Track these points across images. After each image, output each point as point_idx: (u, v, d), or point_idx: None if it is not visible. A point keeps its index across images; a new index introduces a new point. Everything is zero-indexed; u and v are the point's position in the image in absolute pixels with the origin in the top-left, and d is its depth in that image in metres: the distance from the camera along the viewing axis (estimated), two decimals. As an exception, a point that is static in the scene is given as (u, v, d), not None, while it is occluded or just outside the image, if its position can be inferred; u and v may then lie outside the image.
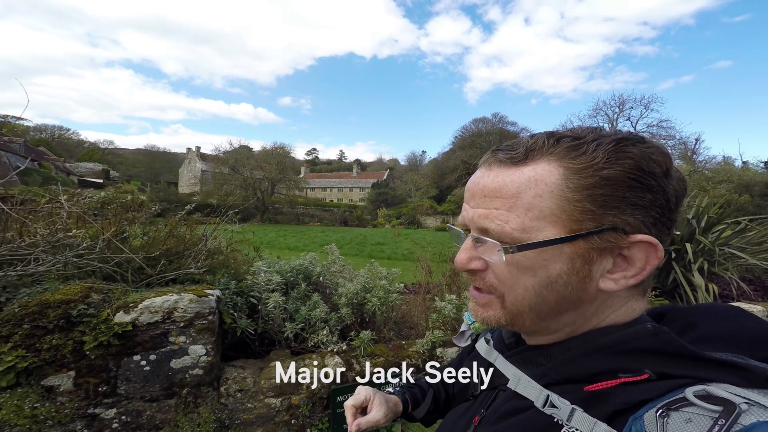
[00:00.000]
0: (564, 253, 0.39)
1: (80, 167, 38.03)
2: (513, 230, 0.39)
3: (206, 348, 1.72)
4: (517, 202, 0.40)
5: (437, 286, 3.50)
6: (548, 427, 0.38)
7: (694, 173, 15.17)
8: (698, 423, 0.28)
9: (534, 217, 0.39)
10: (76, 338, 1.39)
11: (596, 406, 0.36)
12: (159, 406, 1.62)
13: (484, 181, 0.43)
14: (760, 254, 4.10)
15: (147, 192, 23.04)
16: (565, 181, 0.38)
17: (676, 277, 3.83)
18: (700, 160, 25.68)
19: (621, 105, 30.45)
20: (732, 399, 0.28)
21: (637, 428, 0.31)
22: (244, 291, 2.20)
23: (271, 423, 1.89)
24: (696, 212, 4.30)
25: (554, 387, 0.41)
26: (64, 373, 1.39)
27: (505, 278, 0.42)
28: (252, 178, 27.88)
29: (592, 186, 0.37)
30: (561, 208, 0.38)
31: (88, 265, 1.63)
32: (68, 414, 1.39)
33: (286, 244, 13.16)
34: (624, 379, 0.35)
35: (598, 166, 0.37)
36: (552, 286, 0.40)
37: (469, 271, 0.45)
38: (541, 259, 0.39)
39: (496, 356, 0.53)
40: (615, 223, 0.38)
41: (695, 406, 0.29)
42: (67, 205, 1.78)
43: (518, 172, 0.40)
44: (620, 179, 0.37)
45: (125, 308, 1.52)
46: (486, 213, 0.42)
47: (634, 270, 0.39)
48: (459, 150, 43.39)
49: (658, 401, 0.32)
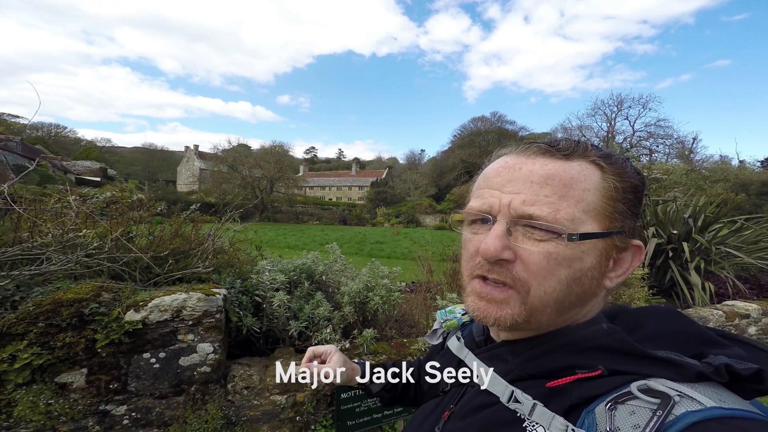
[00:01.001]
0: (597, 247, 0.42)
1: (77, 165, 37.81)
2: (564, 218, 0.40)
3: (214, 346, 1.75)
4: (569, 192, 0.41)
5: (437, 284, 3.54)
6: (512, 421, 0.40)
7: (691, 172, 15.24)
8: (640, 414, 0.32)
9: (582, 209, 0.41)
10: (89, 336, 1.42)
11: (555, 400, 0.39)
12: (168, 403, 1.65)
13: (530, 167, 0.42)
14: (755, 253, 4.15)
15: (145, 190, 23.00)
16: (603, 182, 0.42)
17: (673, 275, 3.88)
18: (698, 159, 25.82)
19: (619, 104, 30.51)
20: (668, 392, 0.32)
21: (589, 421, 0.35)
22: (249, 290, 2.23)
23: (276, 419, 1.92)
24: (693, 211, 4.36)
25: (519, 383, 0.43)
26: (77, 371, 1.42)
27: (538, 269, 0.41)
28: (251, 177, 27.84)
29: (625, 190, 0.43)
30: (603, 205, 0.42)
31: (97, 265, 1.66)
32: (81, 410, 1.42)
33: (285, 243, 13.17)
34: (580, 375, 0.39)
35: (627, 174, 0.43)
36: (581, 280, 0.42)
37: (499, 261, 0.42)
38: (579, 251, 0.41)
39: (467, 353, 0.55)
40: (626, 226, 0.43)
41: (638, 399, 0.33)
42: (75, 205, 1.81)
43: (567, 165, 0.42)
44: (639, 189, 0.44)
45: (135, 307, 1.55)
46: (533, 199, 0.41)
47: (621, 270, 0.44)
48: (458, 149, 43.43)
49: (607, 395, 0.35)
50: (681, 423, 0.29)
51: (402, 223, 27.39)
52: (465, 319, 0.65)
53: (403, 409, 2.13)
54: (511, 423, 0.40)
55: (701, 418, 0.29)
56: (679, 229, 4.16)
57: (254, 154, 31.30)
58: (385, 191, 36.78)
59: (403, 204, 33.88)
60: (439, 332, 0.69)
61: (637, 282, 3.48)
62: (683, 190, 8.16)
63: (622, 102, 30.34)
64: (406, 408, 2.14)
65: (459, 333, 0.63)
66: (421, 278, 3.73)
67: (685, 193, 6.89)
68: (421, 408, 0.61)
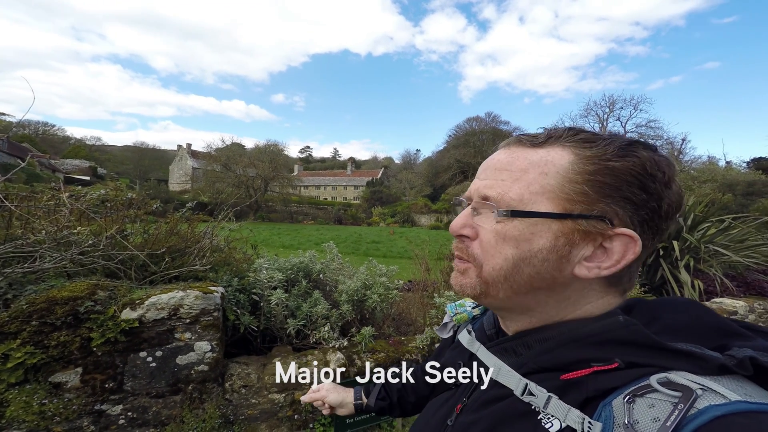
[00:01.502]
0: (551, 229, 0.41)
1: (66, 164, 37.04)
2: (512, 199, 0.42)
3: (211, 344, 1.74)
4: (523, 176, 0.43)
5: (434, 283, 3.56)
6: (526, 414, 0.40)
7: (680, 173, 15.57)
8: (660, 407, 0.31)
9: (534, 191, 0.42)
10: (84, 335, 1.40)
11: (570, 393, 0.38)
12: (165, 402, 1.63)
13: (499, 156, 0.47)
14: (742, 251, 4.27)
15: (136, 189, 22.61)
16: (572, 165, 0.41)
17: (664, 273, 3.96)
18: (686, 160, 26.37)
19: (611, 105, 31.02)
20: (690, 385, 0.31)
21: (606, 413, 0.34)
22: (246, 288, 2.21)
23: (274, 418, 1.92)
24: (683, 210, 4.45)
25: (532, 376, 0.43)
26: (72, 370, 1.40)
27: (487, 246, 0.44)
28: (245, 176, 27.59)
29: (595, 172, 0.40)
30: (561, 187, 0.41)
31: (92, 263, 1.63)
32: (75, 410, 1.40)
33: (280, 242, 13.09)
34: (596, 368, 0.38)
35: (605, 157, 0.41)
36: (530, 261, 0.42)
37: (459, 237, 0.48)
38: (528, 232, 0.42)
39: (478, 347, 0.55)
40: (605, 211, 0.40)
41: (658, 392, 0.32)
42: (69, 202, 1.77)
43: (533, 152, 0.44)
44: (622, 172, 0.40)
45: (131, 305, 1.53)
46: (492, 183, 0.45)
47: (610, 262, 0.41)
48: (453, 149, 43.64)
49: (625, 388, 0.34)
50: (704, 417, 0.28)
51: (398, 222, 27.42)
52: (475, 312, 0.65)
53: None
54: (525, 415, 0.40)
55: (726, 412, 0.28)
56: (669, 227, 4.26)
57: (248, 153, 30.98)
58: (380, 191, 36.78)
59: (399, 204, 33.92)
60: (449, 326, 0.69)
61: (630, 280, 3.55)
62: (673, 190, 8.34)
63: (614, 103, 30.87)
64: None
65: (470, 326, 0.62)
66: (418, 277, 3.75)
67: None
68: (432, 401, 0.60)
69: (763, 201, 12.09)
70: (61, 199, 1.74)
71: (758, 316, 3.81)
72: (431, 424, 0.54)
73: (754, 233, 4.77)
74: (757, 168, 22.22)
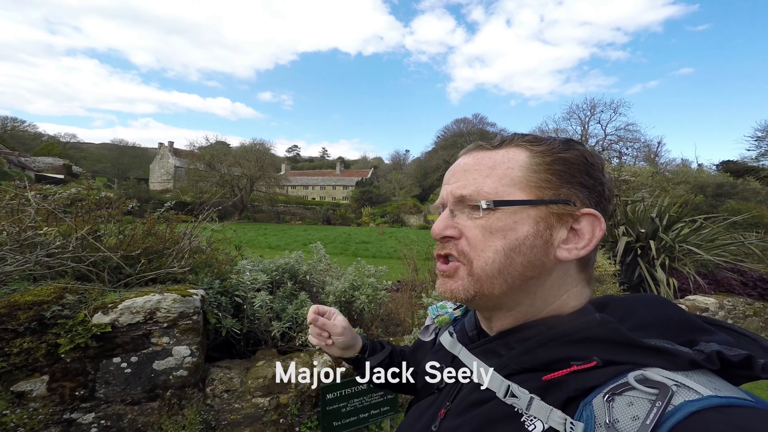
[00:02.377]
0: (530, 216, 0.44)
1: (38, 162, 35.14)
2: (487, 193, 0.45)
3: (191, 349, 1.67)
4: (492, 172, 0.46)
5: (422, 283, 3.57)
6: (510, 416, 0.40)
7: (656, 174, 16.26)
8: (638, 405, 0.32)
9: (505, 184, 0.45)
10: (50, 341, 1.32)
11: (552, 393, 0.39)
12: (141, 409, 1.56)
13: (464, 161, 0.49)
14: (713, 250, 4.48)
15: (114, 189, 21.66)
16: (531, 159, 0.46)
17: (641, 272, 4.12)
18: (662, 162, 27.57)
19: (592, 108, 32.04)
20: (665, 382, 0.33)
21: (587, 413, 0.34)
22: (228, 290, 2.15)
23: (259, 423, 1.87)
24: (659, 211, 4.64)
25: (514, 377, 0.43)
26: (37, 378, 1.31)
27: (476, 242, 0.45)
28: (229, 175, 26.94)
29: (552, 162, 0.45)
30: (528, 178, 0.45)
31: (60, 265, 1.54)
32: (42, 420, 1.31)
33: (266, 243, 12.85)
34: (575, 367, 0.39)
35: (555, 150, 0.46)
36: (520, 249, 0.43)
37: (444, 239, 0.48)
38: (511, 221, 0.44)
39: (460, 349, 0.55)
40: (569, 195, 0.44)
41: (636, 389, 0.33)
42: (35, 201, 1.67)
43: (494, 153, 0.48)
44: (572, 161, 0.45)
45: (104, 309, 1.46)
46: (463, 183, 0.47)
47: (583, 242, 0.45)
48: (441, 149, 44.10)
49: (604, 386, 0.35)
50: (680, 413, 0.30)
51: (387, 222, 27.43)
52: (457, 314, 0.65)
53: (389, 408, 2.12)
54: (509, 418, 0.40)
55: (699, 408, 0.30)
56: (646, 227, 4.42)
57: (233, 151, 30.25)
58: (370, 191, 36.70)
59: (389, 204, 33.96)
60: (431, 328, 0.68)
61: (610, 278, 3.67)
62: (650, 191, 8.69)
63: (595, 106, 31.90)
64: (392, 408, 2.14)
65: (451, 328, 0.62)
66: (406, 277, 3.75)
67: (652, 194, 7.33)
68: (415, 406, 0.59)
69: (731, 202, 12.79)
70: (26, 198, 1.64)
71: (727, 312, 4.02)
72: (416, 429, 0.53)
73: (723, 233, 5.03)
74: (725, 170, 23.49)
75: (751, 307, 4.26)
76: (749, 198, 14.39)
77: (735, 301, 4.12)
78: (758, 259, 4.83)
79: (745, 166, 23.72)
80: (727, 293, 4.24)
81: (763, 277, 4.52)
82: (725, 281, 4.34)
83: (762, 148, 24.03)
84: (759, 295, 4.40)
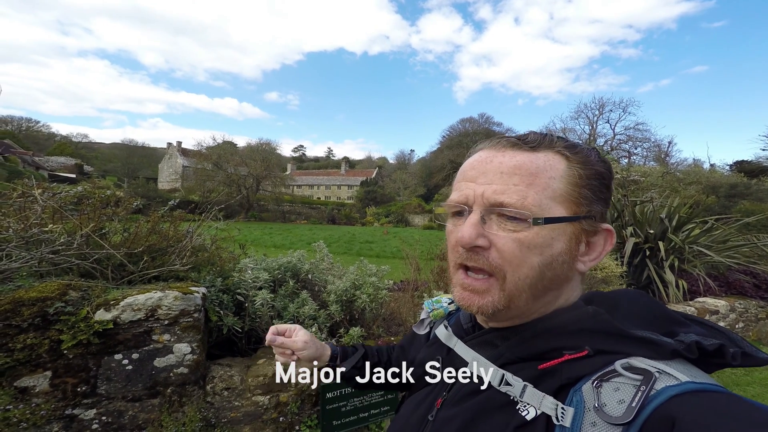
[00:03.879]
0: (566, 232, 0.43)
1: (51, 161, 36.02)
2: (531, 205, 0.42)
3: (192, 346, 1.69)
4: (535, 180, 0.43)
5: (425, 283, 3.55)
6: (505, 404, 0.42)
7: (666, 174, 15.93)
8: (624, 390, 0.35)
9: (548, 196, 0.43)
10: (53, 337, 1.34)
11: (546, 381, 0.40)
12: (142, 406, 1.58)
13: (500, 159, 0.45)
14: (724, 252, 4.37)
15: (124, 188, 22.03)
16: (570, 170, 0.44)
17: (650, 273, 4.03)
18: (673, 162, 27.05)
19: (601, 108, 31.58)
20: (649, 369, 0.35)
21: (577, 399, 0.37)
22: (230, 288, 2.16)
23: (259, 421, 1.87)
24: (668, 212, 4.54)
25: (510, 366, 0.45)
26: (40, 374, 1.34)
27: (512, 257, 0.42)
28: (236, 175, 27.21)
29: (590, 176, 0.45)
30: (568, 192, 0.44)
31: (65, 262, 1.56)
32: (44, 416, 1.33)
33: (272, 242, 12.95)
34: (568, 357, 0.40)
35: (592, 162, 0.45)
36: (552, 264, 0.43)
37: (474, 249, 0.44)
38: (549, 238, 0.42)
39: (456, 341, 0.55)
40: (596, 212, 0.45)
41: (622, 376, 0.36)
42: (42, 199, 1.70)
43: (534, 156, 0.44)
44: (603, 176, 0.46)
45: (106, 306, 1.47)
46: (503, 188, 0.43)
47: (595, 254, 0.46)
48: (446, 149, 43.89)
49: (593, 374, 0.38)
50: (662, 396, 0.33)
51: (392, 222, 27.40)
52: (451, 308, 0.66)
53: (390, 407, 2.11)
54: (505, 406, 0.42)
55: (679, 392, 0.33)
56: (655, 228, 4.33)
57: (240, 151, 30.54)
58: (375, 191, 36.70)
59: (393, 204, 33.91)
60: (426, 322, 0.69)
61: (616, 279, 3.60)
62: (659, 192, 8.52)
63: (604, 105, 31.43)
64: (393, 407, 2.13)
65: (446, 322, 0.62)
66: (409, 277, 3.73)
67: (661, 194, 7.19)
68: (411, 398, 0.60)
69: (745, 203, 12.47)
70: (33, 196, 1.67)
71: (739, 315, 3.91)
72: (412, 421, 0.53)
73: (735, 234, 4.90)
74: (739, 171, 22.92)
75: (764, 309, 4.14)
76: (764, 199, 14.01)
77: (747, 303, 4.00)
78: (772, 262, 4.68)
79: (759, 165, 23.12)
80: (738, 296, 4.13)
81: (778, 279, 4.39)
82: (737, 283, 4.23)
83: (777, 147, 23.37)
84: (773, 298, 4.27)
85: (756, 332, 4.04)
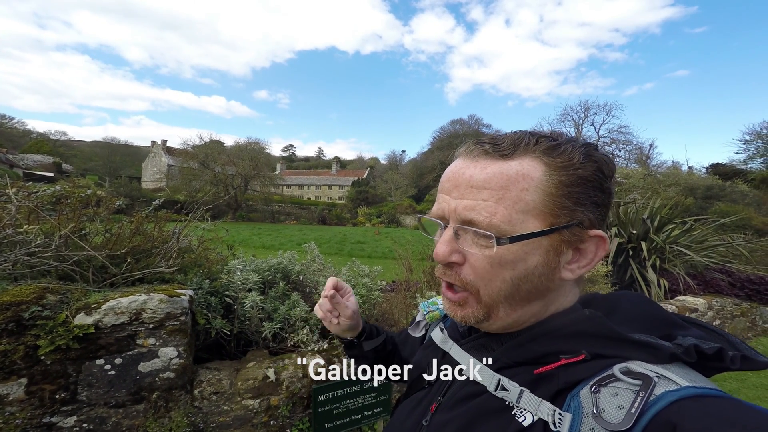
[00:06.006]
0: (542, 245, 0.41)
1: (26, 159, 34.47)
2: (500, 222, 0.40)
3: (178, 350, 1.64)
4: (505, 194, 0.41)
5: (417, 283, 3.56)
6: (501, 409, 0.41)
7: (647, 176, 16.49)
8: (623, 396, 0.34)
9: (520, 210, 0.40)
10: (29, 342, 1.27)
11: (543, 386, 0.40)
12: (126, 412, 1.52)
13: (470, 171, 0.43)
14: (702, 251, 4.55)
15: (106, 187, 21.23)
16: (548, 178, 0.41)
17: (633, 273, 4.16)
18: (653, 165, 28.01)
19: (586, 111, 32.46)
20: (648, 374, 0.34)
21: (575, 404, 0.36)
22: (218, 290, 2.11)
23: (248, 425, 1.83)
24: (650, 213, 4.70)
25: (506, 371, 0.44)
26: (14, 381, 1.27)
27: (483, 272, 0.42)
28: (223, 174, 26.68)
29: (570, 184, 0.41)
30: (543, 203, 0.41)
31: (42, 264, 1.49)
32: (19, 425, 1.27)
33: (260, 242, 12.74)
34: (565, 361, 0.40)
35: (575, 166, 0.41)
36: (528, 278, 0.42)
37: (448, 264, 0.45)
38: (522, 252, 0.41)
39: (451, 345, 0.55)
40: (581, 218, 0.42)
41: (620, 381, 0.35)
42: (16, 199, 1.62)
43: (506, 165, 0.41)
44: (589, 179, 0.42)
45: (87, 309, 1.41)
46: (473, 204, 0.41)
47: (585, 261, 0.44)
48: (437, 150, 44.24)
49: (591, 379, 0.37)
50: (662, 402, 0.32)
51: (383, 223, 27.38)
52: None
53: (383, 409, 2.11)
54: (500, 411, 0.41)
55: (679, 397, 0.32)
56: (638, 229, 4.47)
57: (228, 150, 29.92)
58: (366, 191, 36.58)
59: (385, 204, 33.89)
60: (422, 324, 0.68)
61: (602, 279, 3.70)
62: (641, 193, 8.81)
63: (589, 109, 32.32)
64: (386, 409, 2.12)
65: (442, 324, 0.62)
66: (401, 277, 3.73)
67: (643, 195, 7.44)
68: (405, 402, 0.59)
69: (720, 204, 13.05)
70: (6, 195, 1.58)
71: (716, 313, 4.08)
72: (406, 425, 0.53)
73: (712, 234, 5.12)
74: (714, 173, 23.98)
75: (739, 307, 4.34)
76: (737, 200, 14.69)
77: (723, 301, 4.18)
78: (746, 261, 4.92)
79: (733, 168, 24.24)
80: (715, 294, 4.30)
81: (751, 278, 4.61)
82: (714, 282, 4.41)
83: (750, 151, 24.56)
84: (746, 295, 4.48)
85: (731, 329, 4.22)
